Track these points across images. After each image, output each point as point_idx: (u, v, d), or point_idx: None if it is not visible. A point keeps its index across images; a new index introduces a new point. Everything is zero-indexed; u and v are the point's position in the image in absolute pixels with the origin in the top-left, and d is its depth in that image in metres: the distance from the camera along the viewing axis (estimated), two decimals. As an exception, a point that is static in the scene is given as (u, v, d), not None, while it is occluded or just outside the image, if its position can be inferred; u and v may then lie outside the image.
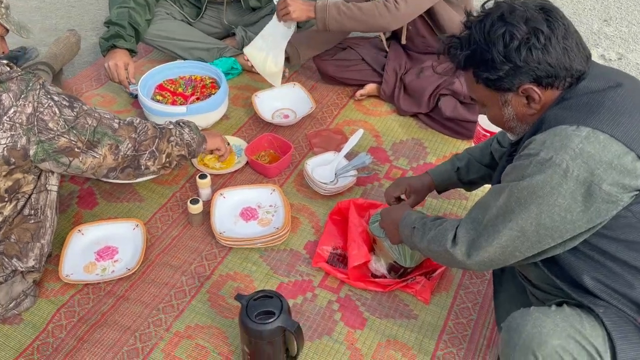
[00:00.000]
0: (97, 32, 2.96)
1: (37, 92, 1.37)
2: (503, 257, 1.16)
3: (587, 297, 1.14)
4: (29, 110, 1.36)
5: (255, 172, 2.09)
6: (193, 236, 1.85)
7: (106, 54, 2.32)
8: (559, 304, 1.16)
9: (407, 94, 2.31)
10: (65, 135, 1.41)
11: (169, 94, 2.31)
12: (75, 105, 1.44)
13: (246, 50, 2.32)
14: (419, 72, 2.28)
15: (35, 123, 1.36)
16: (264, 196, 1.94)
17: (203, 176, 1.93)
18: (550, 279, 1.19)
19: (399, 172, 2.10)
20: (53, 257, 1.74)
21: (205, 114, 2.15)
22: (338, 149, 2.11)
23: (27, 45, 2.58)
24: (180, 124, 1.76)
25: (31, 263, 1.55)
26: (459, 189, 1.73)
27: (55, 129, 1.39)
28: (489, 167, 1.57)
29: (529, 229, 1.10)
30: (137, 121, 1.60)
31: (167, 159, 1.66)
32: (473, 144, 2.14)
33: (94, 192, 2.01)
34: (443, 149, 2.19)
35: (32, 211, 1.52)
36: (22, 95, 1.35)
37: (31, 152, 1.39)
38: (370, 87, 2.42)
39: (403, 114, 2.33)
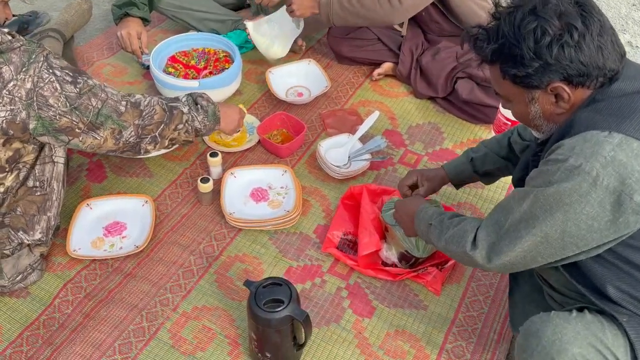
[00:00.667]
0: (109, -1, 2.90)
1: (39, 65, 1.32)
2: (524, 261, 1.13)
3: (609, 305, 1.10)
4: (29, 85, 1.31)
5: (266, 151, 2.05)
6: (202, 215, 1.83)
7: (119, 22, 2.27)
8: (580, 309, 1.13)
9: (423, 77, 2.25)
10: (67, 116, 1.36)
11: (181, 66, 2.27)
12: (79, 80, 1.38)
13: (249, 27, 2.27)
14: (434, 52, 2.22)
15: (35, 99, 1.32)
16: (275, 177, 1.90)
17: (214, 154, 1.89)
18: (571, 284, 1.16)
19: (414, 157, 2.05)
20: (61, 231, 1.72)
21: (218, 89, 2.10)
22: (352, 130, 2.07)
23: (39, 10, 2.53)
24: (199, 107, 1.65)
25: (37, 236, 1.54)
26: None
27: (56, 105, 1.34)
28: (505, 158, 1.53)
29: (553, 235, 1.06)
30: (146, 102, 1.52)
31: (170, 142, 1.61)
32: (492, 131, 2.09)
33: (104, 166, 1.98)
34: (460, 135, 2.14)
35: (38, 183, 1.50)
36: (24, 69, 1.30)
37: (31, 126, 1.35)
38: (388, 65, 2.36)
39: (420, 97, 2.28)
